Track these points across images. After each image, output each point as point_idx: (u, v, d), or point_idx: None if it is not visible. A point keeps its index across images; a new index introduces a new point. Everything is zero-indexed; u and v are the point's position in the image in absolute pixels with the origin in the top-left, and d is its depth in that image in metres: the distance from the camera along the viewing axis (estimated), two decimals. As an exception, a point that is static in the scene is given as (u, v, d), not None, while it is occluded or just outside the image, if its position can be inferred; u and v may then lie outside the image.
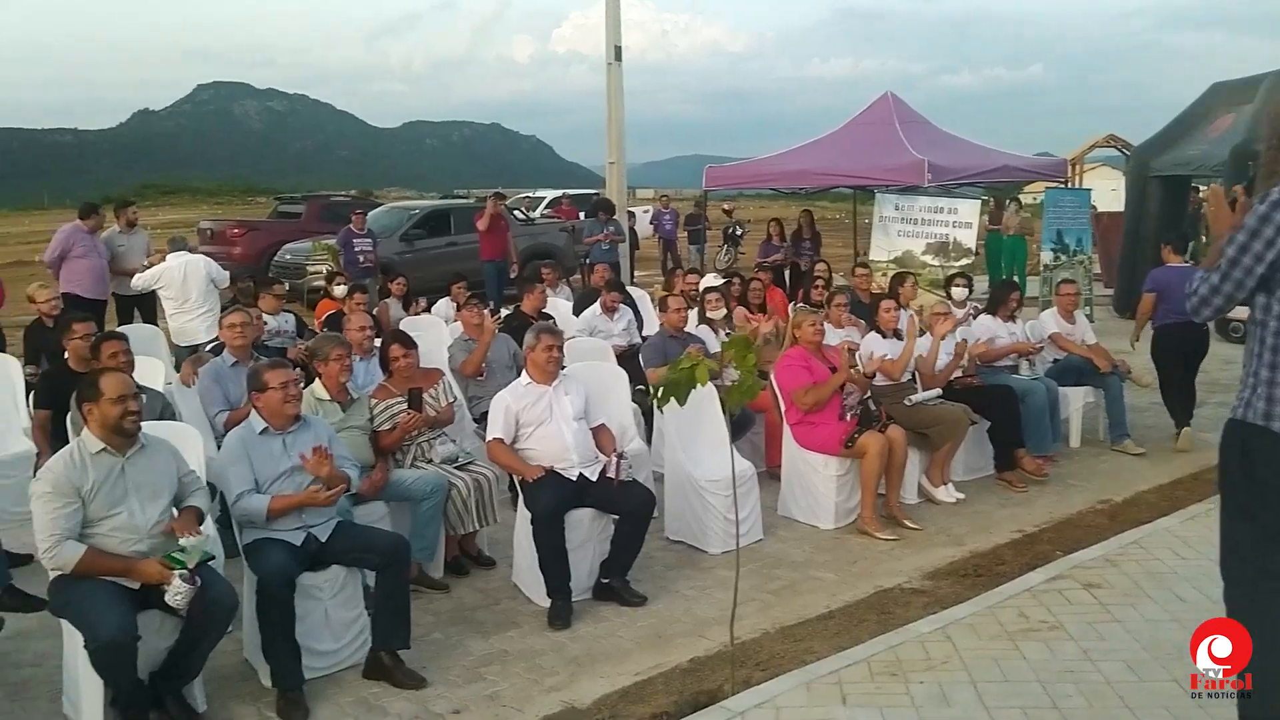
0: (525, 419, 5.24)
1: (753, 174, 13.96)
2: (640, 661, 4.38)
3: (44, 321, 8.00)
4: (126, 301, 10.21)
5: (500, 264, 13.53)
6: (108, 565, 3.78)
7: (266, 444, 4.48)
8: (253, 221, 19.19)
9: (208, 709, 4.01)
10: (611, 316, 8.59)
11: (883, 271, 11.34)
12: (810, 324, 6.38)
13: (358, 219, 13.28)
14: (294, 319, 8.51)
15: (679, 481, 5.91)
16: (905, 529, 6.06)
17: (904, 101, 13.51)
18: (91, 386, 3.99)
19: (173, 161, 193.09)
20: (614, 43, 15.52)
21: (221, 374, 5.95)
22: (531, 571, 5.04)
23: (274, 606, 4.06)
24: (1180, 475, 6.94)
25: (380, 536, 4.55)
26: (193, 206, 43.48)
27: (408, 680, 4.22)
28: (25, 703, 4.14)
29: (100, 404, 3.93)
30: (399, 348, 5.69)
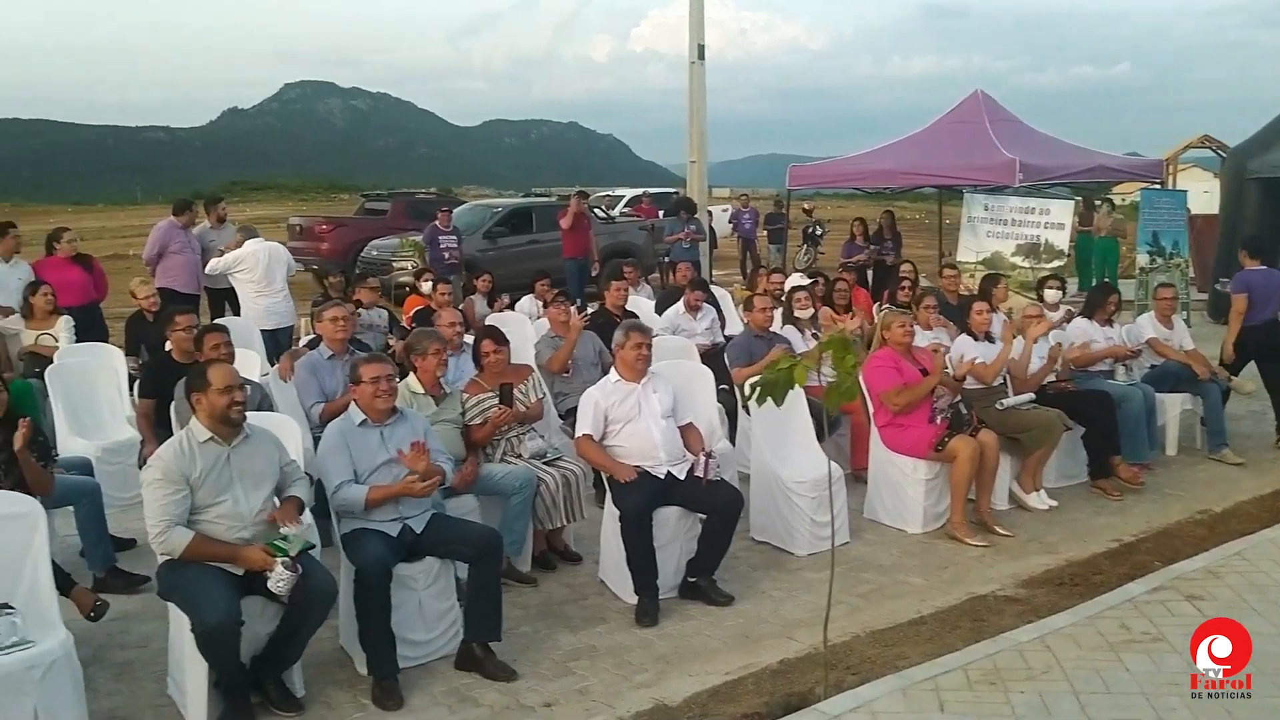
0: (614, 416, 5.26)
1: (837, 173, 13.83)
2: (729, 661, 4.37)
3: (144, 315, 8.26)
4: (218, 295, 10.48)
5: (582, 262, 13.62)
6: (214, 551, 3.89)
7: (365, 436, 4.57)
8: (340, 218, 19.55)
9: (306, 694, 4.10)
10: (695, 315, 8.58)
11: (970, 273, 11.14)
12: (900, 325, 6.29)
13: (443, 216, 13.45)
14: (386, 314, 8.66)
15: (765, 482, 5.89)
16: (996, 535, 5.95)
17: (994, 99, 13.27)
18: (200, 377, 4.12)
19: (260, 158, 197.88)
20: (697, 41, 15.50)
21: (318, 367, 6.07)
22: (619, 568, 5.06)
23: (371, 596, 4.14)
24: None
25: (473, 529, 4.61)
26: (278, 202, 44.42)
27: (499, 672, 4.27)
28: (131, 682, 4.27)
29: (208, 394, 4.04)
30: (491, 343, 5.75)
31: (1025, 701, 3.69)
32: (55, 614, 3.81)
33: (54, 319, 7.73)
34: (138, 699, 4.13)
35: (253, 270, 9.56)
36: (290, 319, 9.80)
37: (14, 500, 3.99)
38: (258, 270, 9.57)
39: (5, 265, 8.42)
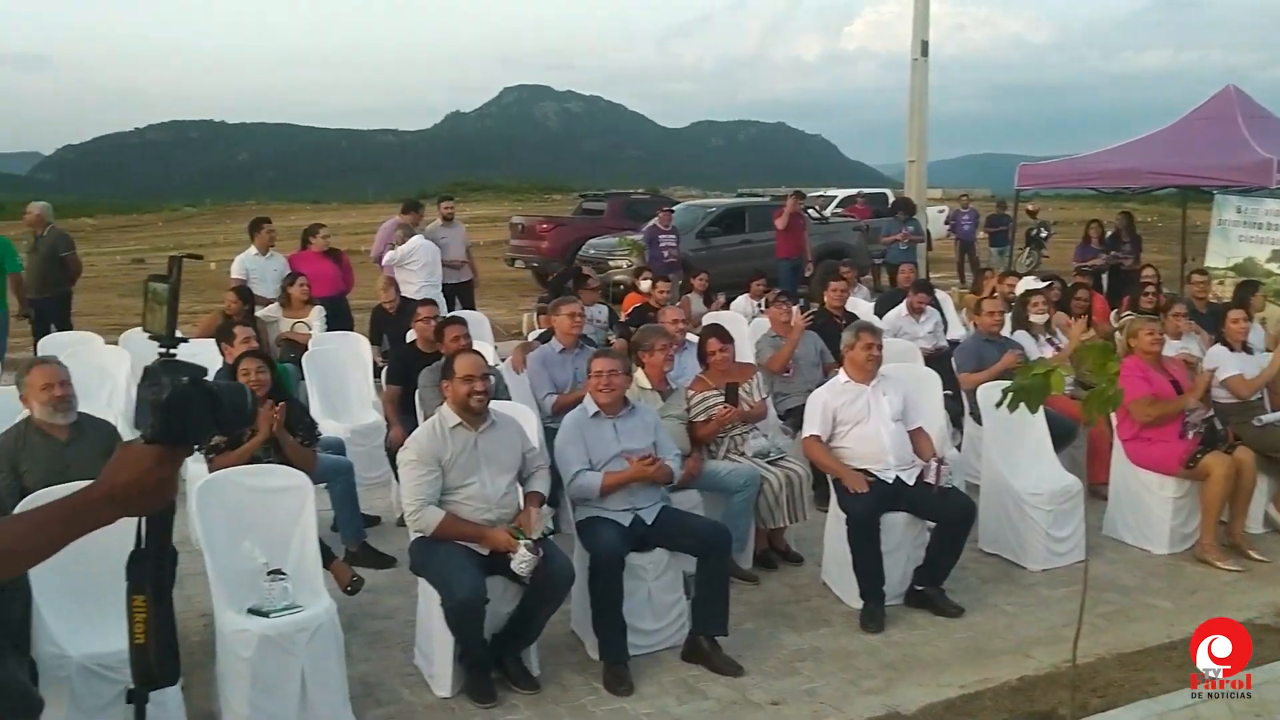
0: (842, 417, 5.20)
1: (1072, 173, 13.16)
2: (961, 674, 4.24)
3: (385, 309, 8.77)
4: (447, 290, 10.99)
5: (795, 262, 13.52)
6: (463, 530, 4.10)
7: (598, 427, 4.70)
8: (560, 217, 20.16)
9: (541, 674, 4.25)
10: (918, 318, 8.38)
11: (1219, 280, 10.38)
12: (1148, 332, 5.93)
13: (664, 216, 13.66)
14: (607, 310, 8.88)
15: (997, 492, 5.68)
16: (1250, 560, 5.53)
17: (1248, 96, 12.32)
18: (448, 365, 4.35)
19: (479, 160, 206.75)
20: (920, 38, 15.17)
21: (549, 360, 6.28)
22: (843, 571, 5.01)
23: (605, 582, 4.25)
24: None
25: (701, 524, 4.67)
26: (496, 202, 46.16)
27: (725, 666, 4.30)
28: (381, 651, 4.55)
29: (454, 382, 4.27)
30: (716, 342, 5.80)
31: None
32: (320, 582, 4.11)
33: (308, 309, 8.33)
34: (388, 667, 4.39)
35: (420, 262, 10.03)
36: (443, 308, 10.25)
37: (287, 474, 4.32)
38: (423, 262, 10.04)
39: (263, 258, 9.14)
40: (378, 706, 4.05)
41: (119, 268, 21.75)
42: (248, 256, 9.13)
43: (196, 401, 1.51)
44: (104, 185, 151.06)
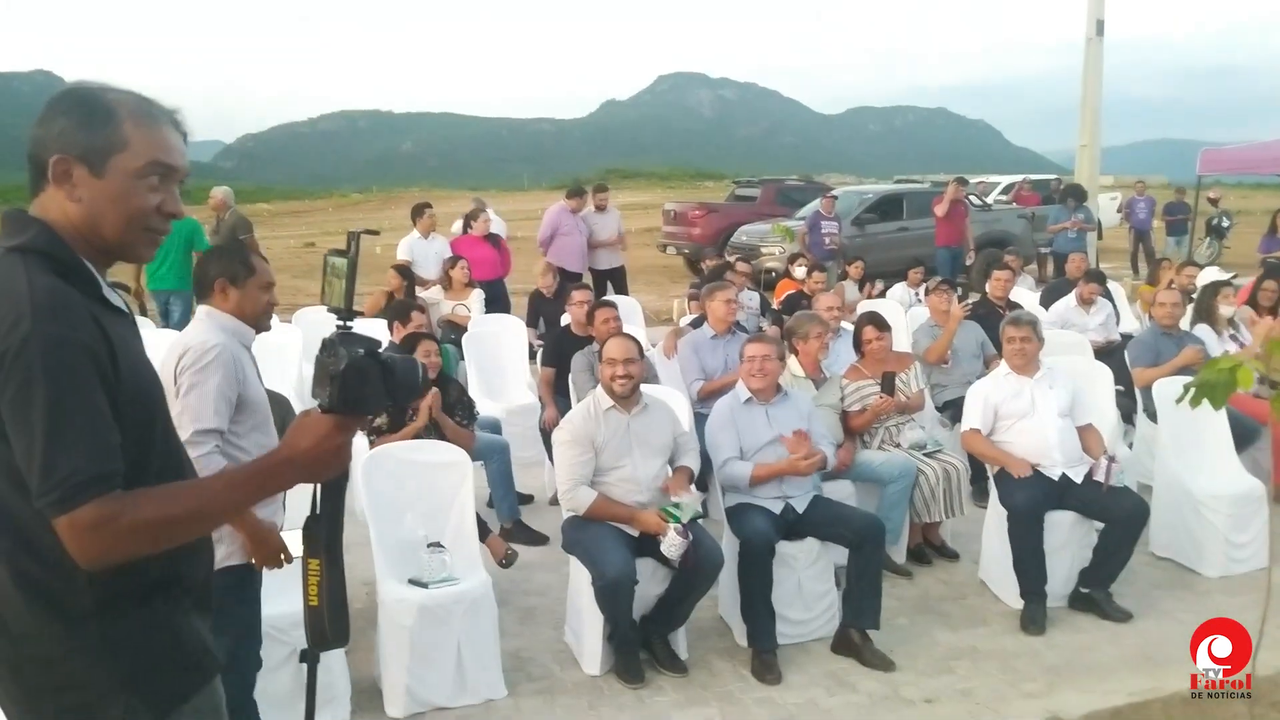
0: (1004, 411, 5.02)
1: (1261, 158, 12.39)
2: (1129, 682, 4.04)
3: (543, 293, 8.95)
4: (600, 276, 11.15)
5: (955, 250, 13.14)
6: (614, 511, 4.14)
7: (750, 413, 4.67)
8: (712, 204, 20.12)
9: (689, 658, 4.26)
10: (1088, 310, 8.01)
11: None
12: (1347, 328, 5.51)
13: (827, 202, 13.51)
14: (758, 296, 8.81)
15: (1172, 494, 5.38)
16: None
17: None
18: (602, 349, 4.40)
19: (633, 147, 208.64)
20: (1096, 16, 14.50)
21: (700, 346, 6.28)
22: (1002, 569, 4.84)
23: (755, 569, 4.23)
24: None
25: (855, 514, 4.59)
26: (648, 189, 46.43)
27: (876, 661, 4.22)
28: (532, 627, 4.64)
29: (603, 366, 4.31)
30: (873, 329, 5.68)
31: None
32: (477, 556, 4.23)
33: (468, 291, 8.57)
34: (538, 642, 4.48)
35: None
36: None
37: (447, 450, 4.46)
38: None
39: (424, 241, 9.45)
40: (529, 680, 4.14)
41: (292, 251, 22.85)
42: (411, 239, 9.46)
43: (371, 373, 1.56)
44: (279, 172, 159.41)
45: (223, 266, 2.99)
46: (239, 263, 3.01)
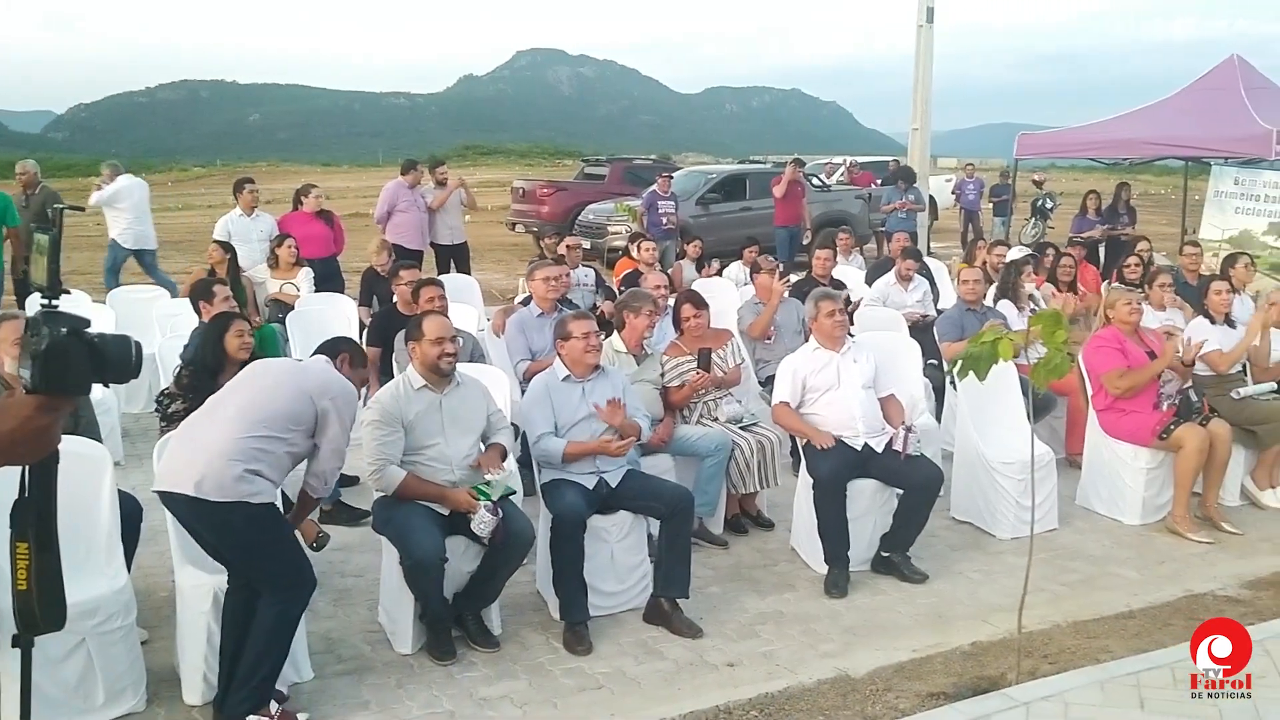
0: (812, 384, 5.21)
1: (1071, 142, 13.07)
2: (918, 639, 4.28)
3: (377, 270, 8.79)
4: (444, 252, 11.02)
5: (793, 230, 13.50)
6: (424, 490, 4.14)
7: (567, 390, 4.72)
8: (561, 182, 20.10)
9: (502, 633, 4.31)
10: (906, 286, 8.36)
11: (1214, 252, 10.32)
12: (1125, 303, 5.91)
13: (663, 182, 13.61)
14: (594, 273, 8.87)
15: (969, 461, 5.70)
16: (1222, 532, 5.55)
17: (1251, 65, 12.17)
18: (416, 327, 4.37)
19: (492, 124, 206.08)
20: (927, 4, 14.98)
21: (527, 324, 6.29)
22: (810, 537, 5.04)
23: (566, 543, 4.29)
24: None
25: (666, 487, 4.70)
26: (506, 166, 46.05)
27: (685, 629, 4.34)
28: (346, 608, 4.61)
29: (422, 344, 4.29)
30: (691, 307, 5.80)
31: (1236, 708, 3.43)
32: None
33: (296, 270, 8.35)
34: (351, 624, 4.45)
35: (128, 201, 10.57)
36: (152, 243, 10.99)
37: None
38: (132, 200, 10.60)
39: (248, 218, 9.16)
40: (338, 662, 4.11)
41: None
42: (231, 217, 9.16)
43: (74, 352, 1.53)
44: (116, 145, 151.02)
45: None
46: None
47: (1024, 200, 18.36)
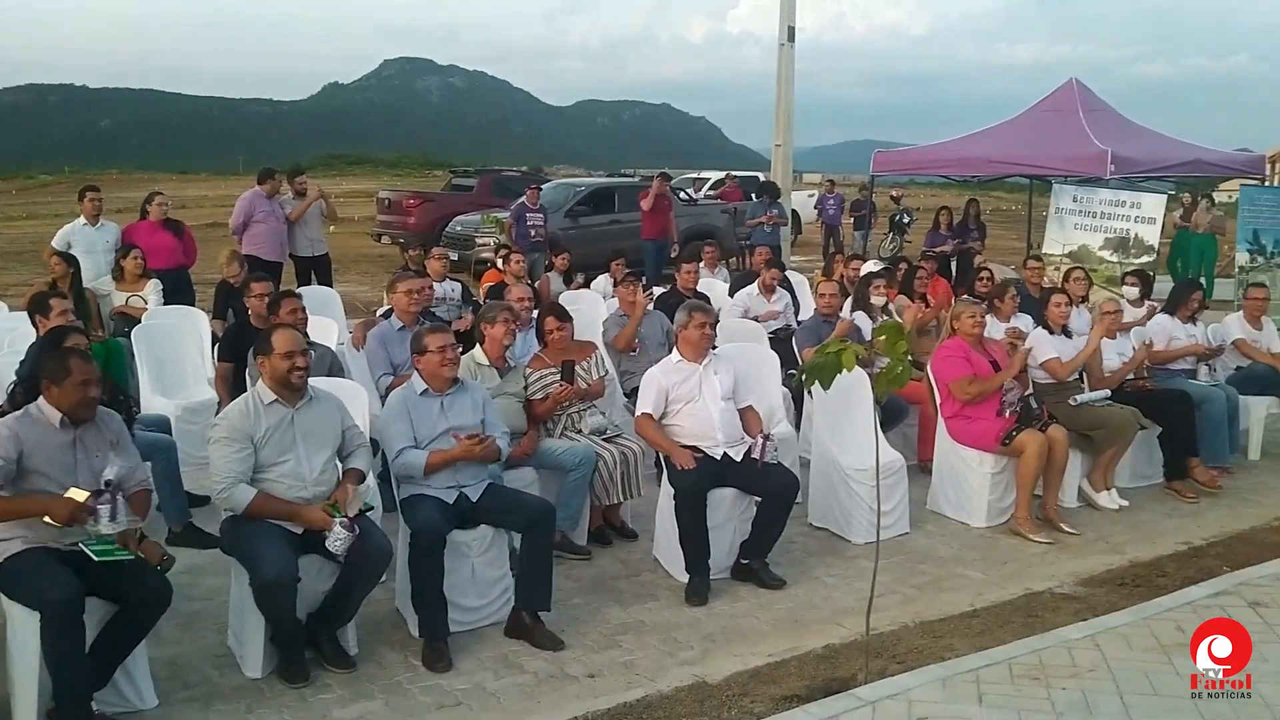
0: (674, 396, 5.29)
1: (924, 160, 13.62)
2: (774, 644, 4.38)
3: (230, 282, 8.52)
4: (305, 264, 10.76)
5: (661, 243, 13.66)
6: (275, 509, 4.03)
7: (426, 404, 4.67)
8: (428, 193, 19.87)
9: (359, 652, 4.22)
10: (769, 298, 8.55)
11: (1055, 265, 10.88)
12: (970, 315, 6.18)
13: (532, 194, 13.59)
14: (460, 286, 8.79)
15: (825, 468, 5.86)
16: (1061, 533, 5.84)
17: (1089, 89, 12.90)
18: (265, 341, 4.26)
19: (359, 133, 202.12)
20: (788, 23, 15.38)
21: (388, 338, 6.19)
22: (672, 546, 5.10)
23: (425, 559, 4.24)
24: (1372, 497, 6.43)
25: (527, 500, 4.69)
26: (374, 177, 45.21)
27: (546, 641, 4.34)
28: (193, 633, 4.44)
29: (272, 358, 4.18)
30: (554, 320, 5.81)
31: (1067, 698, 3.63)
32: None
33: (143, 282, 8.03)
34: (198, 649, 4.29)
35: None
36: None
37: None
38: None
39: (92, 228, 8.77)
40: (184, 689, 3.96)
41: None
42: (74, 226, 8.75)
43: None
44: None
45: None
46: None
47: (884, 215, 18.99)
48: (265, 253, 9.99)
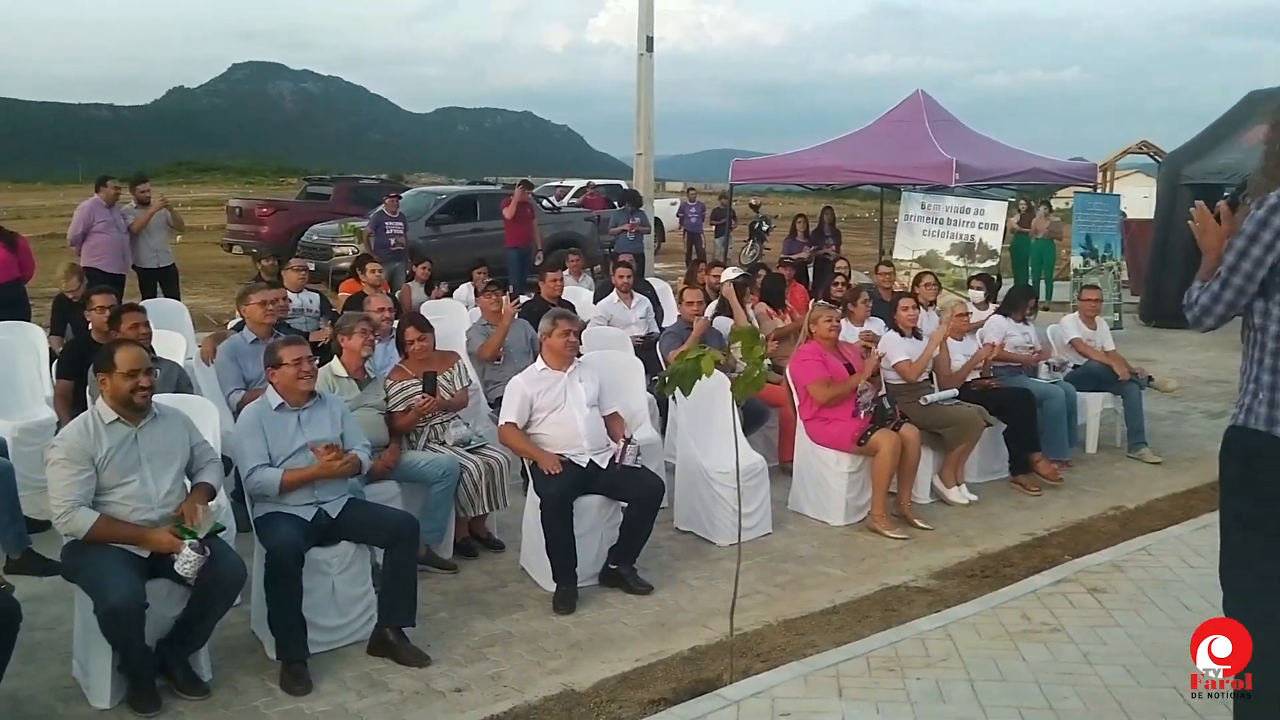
0: (539, 404, 5.28)
1: (780, 169, 13.94)
2: (642, 648, 4.41)
3: (67, 296, 8.09)
4: (149, 276, 10.32)
5: (524, 251, 13.61)
6: (119, 533, 3.85)
7: (281, 419, 4.53)
8: (281, 201, 19.34)
9: (213, 678, 4.07)
10: (630, 305, 8.61)
11: (906, 270, 11.29)
12: (826, 320, 6.37)
13: (390, 202, 13.37)
14: (319, 298, 8.57)
15: (690, 472, 5.93)
16: (915, 528, 6.05)
17: (935, 100, 13.44)
18: (107, 358, 4.05)
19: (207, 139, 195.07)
20: (646, 33, 15.52)
21: (240, 351, 5.99)
22: (539, 556, 5.08)
23: (282, 579, 4.11)
24: (1196, 484, 6.87)
25: (390, 514, 4.60)
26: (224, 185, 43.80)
27: (411, 657, 4.26)
28: (36, 665, 4.20)
29: (113, 376, 3.98)
30: (414, 330, 5.73)
31: (921, 688, 3.77)
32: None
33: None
34: (41, 681, 4.07)
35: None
36: None
37: None
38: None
39: None
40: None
41: None
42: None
43: None
44: None
45: None
46: None
47: (744, 223, 19.37)
48: (106, 265, 9.53)
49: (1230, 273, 2.77)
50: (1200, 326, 2.92)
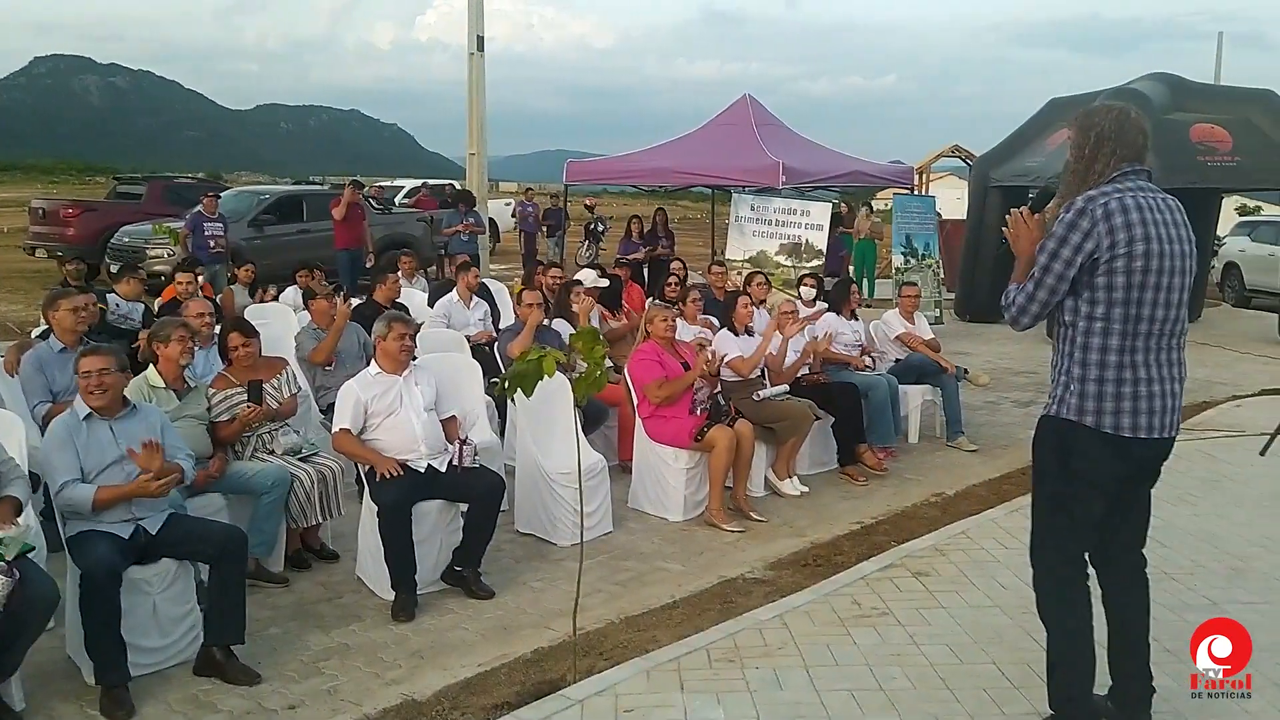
0: (374, 409, 5.15)
1: (614, 170, 14.08)
2: (484, 653, 4.36)
3: None
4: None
5: (355, 253, 13.28)
6: (-89, 559, 3.55)
7: (93, 431, 4.27)
8: (89, 202, 18.23)
9: (26, 707, 3.81)
10: (468, 306, 8.51)
11: (738, 270, 11.56)
12: (662, 319, 6.46)
13: (209, 202, 12.82)
14: (143, 308, 8.12)
15: (530, 474, 5.91)
16: (751, 521, 6.20)
17: (762, 104, 13.82)
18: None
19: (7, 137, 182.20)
20: (476, 32, 15.39)
21: (46, 361, 5.62)
22: (376, 564, 4.96)
23: (98, 601, 3.88)
24: (1009, 470, 7.29)
25: (214, 528, 4.41)
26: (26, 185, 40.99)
27: (241, 676, 4.10)
28: None
29: None
30: (238, 336, 5.50)
31: (760, 676, 3.87)
32: None
33: None
34: None
35: None
36: None
37: None
38: None
39: None
40: None
41: None
42: None
43: None
44: None
45: None
46: None
47: (579, 224, 19.40)
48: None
49: (1043, 273, 2.96)
50: (1018, 325, 3.11)
